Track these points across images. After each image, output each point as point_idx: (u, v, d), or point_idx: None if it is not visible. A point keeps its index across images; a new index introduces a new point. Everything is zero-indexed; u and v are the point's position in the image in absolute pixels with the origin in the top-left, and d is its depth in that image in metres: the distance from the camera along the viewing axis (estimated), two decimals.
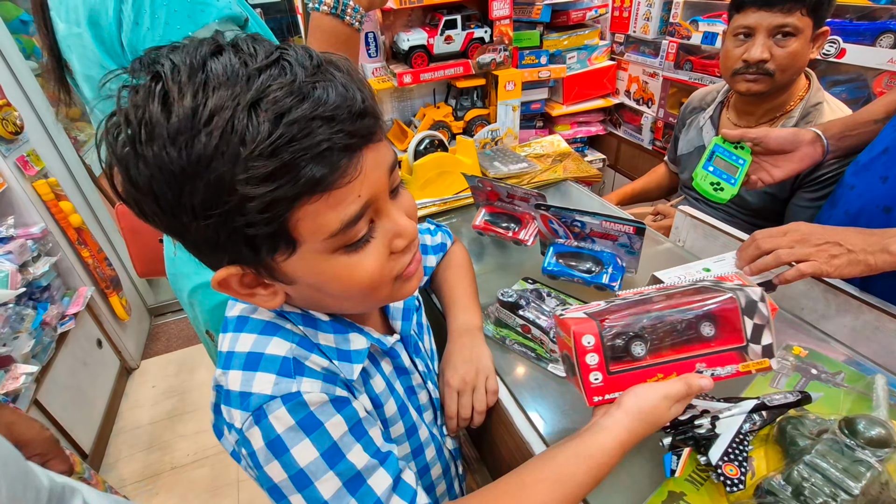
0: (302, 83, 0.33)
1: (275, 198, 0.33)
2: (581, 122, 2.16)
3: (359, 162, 0.36)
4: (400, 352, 0.55)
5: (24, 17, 2.03)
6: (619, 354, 0.50)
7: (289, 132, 0.32)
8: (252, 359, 0.42)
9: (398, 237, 0.42)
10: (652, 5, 1.82)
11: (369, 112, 0.37)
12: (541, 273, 0.83)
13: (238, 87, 0.32)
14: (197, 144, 0.31)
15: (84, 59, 0.67)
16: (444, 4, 1.32)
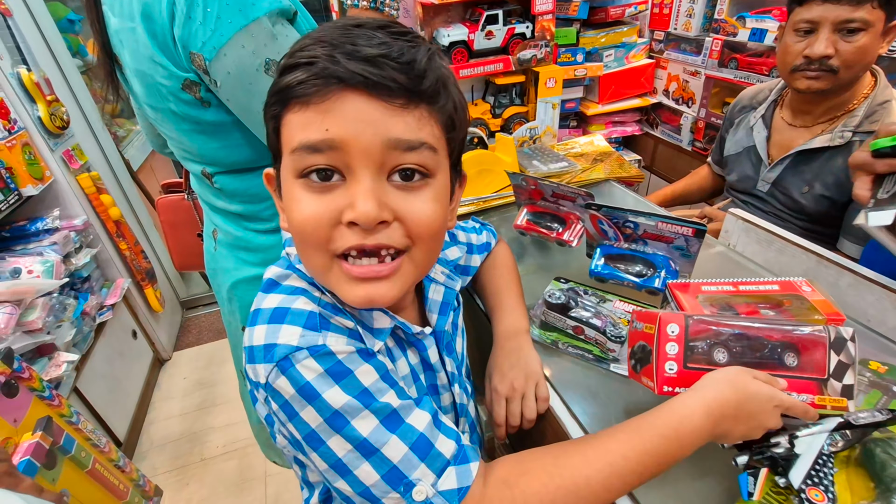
0: (363, 24, 0.39)
1: (273, 90, 0.40)
2: (616, 121, 2.11)
3: (333, 94, 0.36)
4: (429, 346, 0.53)
5: (72, 17, 2.10)
6: (699, 355, 0.51)
7: (304, 44, 0.38)
8: (278, 313, 0.42)
9: (349, 208, 0.38)
10: (695, 1, 1.76)
11: (377, 65, 0.36)
12: (587, 275, 0.80)
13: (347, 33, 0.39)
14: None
15: (136, 55, 0.67)
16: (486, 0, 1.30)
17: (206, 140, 0.73)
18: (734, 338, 0.51)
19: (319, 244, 0.39)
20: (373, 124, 0.37)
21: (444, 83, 0.40)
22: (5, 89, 1.42)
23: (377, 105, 0.37)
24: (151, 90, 0.69)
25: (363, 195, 0.37)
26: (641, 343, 0.57)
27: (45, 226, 1.53)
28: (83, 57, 2.11)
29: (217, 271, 0.93)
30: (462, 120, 0.44)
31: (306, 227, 0.39)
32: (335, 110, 0.36)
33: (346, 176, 0.38)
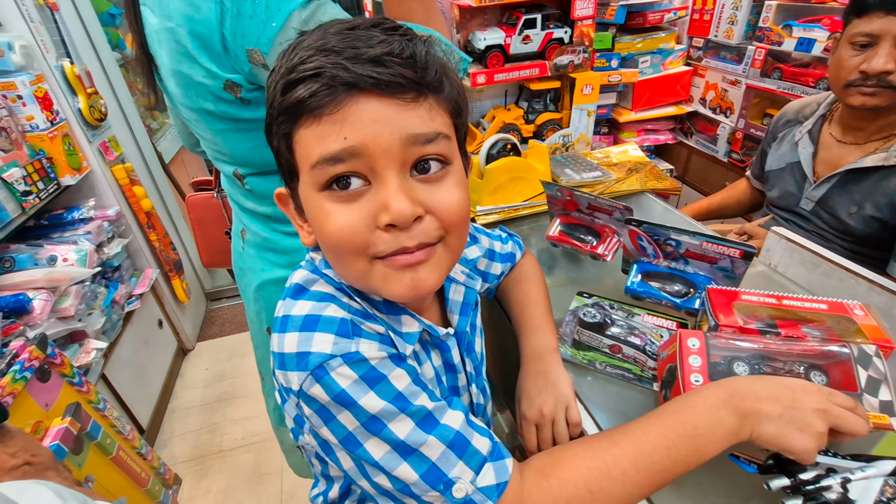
0: (357, 27, 0.38)
1: (279, 111, 0.38)
2: (649, 129, 2.06)
3: (345, 101, 0.36)
4: (451, 347, 0.53)
5: (113, 11, 2.15)
6: (723, 368, 0.52)
7: (304, 56, 0.37)
8: (309, 320, 0.42)
9: (383, 210, 0.38)
10: (739, 8, 1.70)
11: (384, 64, 0.36)
12: (621, 291, 0.77)
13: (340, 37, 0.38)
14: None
15: (175, 55, 0.66)
16: (524, 3, 1.28)
17: (241, 140, 0.73)
18: (756, 355, 0.53)
19: (358, 251, 0.40)
20: (388, 123, 0.37)
21: (445, 71, 0.41)
22: (50, 81, 1.46)
23: (390, 104, 0.37)
24: (189, 90, 0.69)
25: (394, 195, 0.37)
26: (669, 366, 0.57)
27: (80, 215, 1.56)
28: (122, 50, 2.16)
29: (244, 271, 0.94)
30: (465, 102, 0.45)
31: (342, 237, 0.39)
32: (350, 117, 0.36)
33: (371, 180, 0.38)
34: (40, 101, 1.41)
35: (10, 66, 1.36)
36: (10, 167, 1.30)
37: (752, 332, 0.59)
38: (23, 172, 1.32)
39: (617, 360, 0.65)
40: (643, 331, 0.66)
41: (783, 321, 0.61)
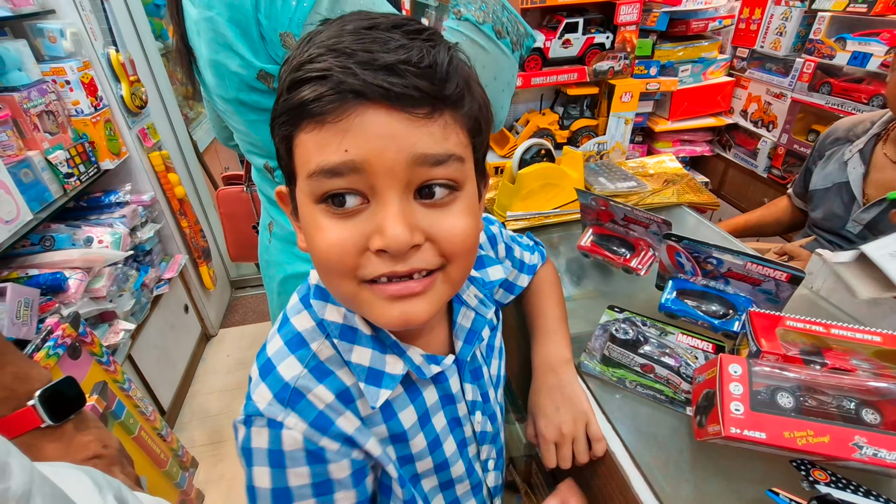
0: (375, 27, 0.34)
1: (280, 110, 0.36)
2: (685, 140, 2.00)
3: (351, 110, 0.33)
4: (450, 376, 0.49)
5: (158, 1, 2.21)
6: (765, 398, 0.49)
7: (314, 55, 0.34)
8: (267, 367, 0.43)
9: (377, 234, 0.35)
10: (788, 19, 1.64)
11: (398, 74, 0.32)
12: (653, 307, 0.75)
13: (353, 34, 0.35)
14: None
15: (213, 44, 0.67)
16: (567, 6, 1.25)
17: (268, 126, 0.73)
18: (802, 386, 0.50)
19: (345, 272, 0.37)
20: (396, 140, 0.33)
21: (467, 84, 0.37)
22: (96, 68, 1.51)
23: (399, 117, 0.33)
24: (225, 80, 0.69)
25: (391, 219, 0.34)
26: (706, 391, 0.54)
27: (117, 199, 1.61)
28: (164, 40, 2.21)
29: (269, 263, 0.94)
30: (487, 119, 0.40)
31: (330, 256, 0.36)
32: (354, 128, 0.33)
33: (369, 198, 0.35)
34: (86, 86, 1.46)
35: (60, 52, 1.41)
36: (56, 150, 1.34)
37: (795, 360, 0.56)
38: (66, 155, 1.37)
39: (649, 380, 0.62)
40: (678, 351, 0.64)
41: (830, 351, 0.58)
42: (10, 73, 1.26)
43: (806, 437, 0.46)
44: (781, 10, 1.65)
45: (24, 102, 1.26)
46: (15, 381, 0.55)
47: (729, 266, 0.67)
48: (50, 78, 1.38)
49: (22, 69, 1.29)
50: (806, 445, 0.46)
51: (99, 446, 0.59)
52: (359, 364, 0.43)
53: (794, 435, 0.46)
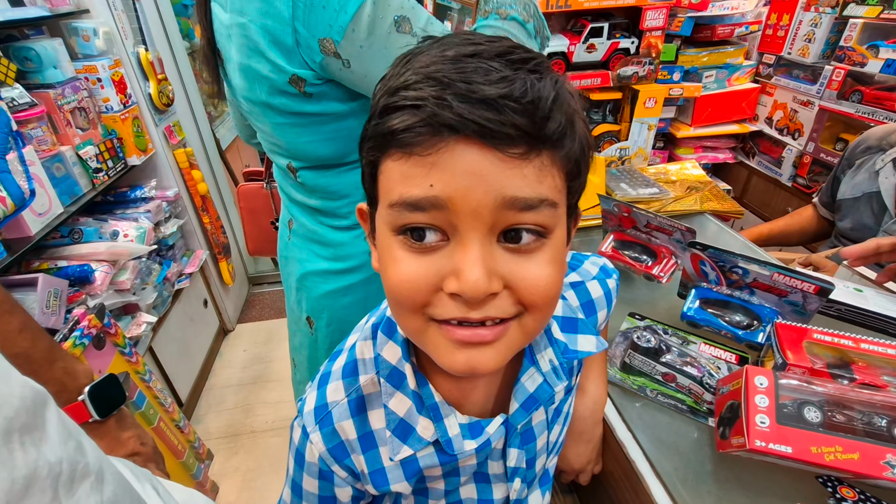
0: (479, 55, 0.32)
1: (369, 134, 0.35)
2: (707, 146, 1.97)
3: (441, 144, 0.30)
4: (494, 440, 0.44)
5: (186, 2, 2.26)
6: (791, 412, 0.49)
7: (410, 81, 0.32)
8: (324, 379, 0.47)
9: (453, 276, 0.33)
10: (818, 25, 1.60)
11: (498, 110, 0.30)
12: (674, 316, 0.74)
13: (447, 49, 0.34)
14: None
15: (244, 49, 0.68)
16: (592, 11, 1.25)
17: (299, 134, 0.74)
18: (830, 401, 0.49)
19: (415, 308, 0.35)
20: (485, 180, 0.31)
21: (570, 122, 0.33)
22: (126, 66, 1.55)
23: (492, 156, 0.30)
24: (254, 84, 0.70)
25: (470, 264, 0.32)
26: (730, 403, 0.54)
27: (142, 194, 1.65)
28: (191, 40, 2.26)
29: (288, 260, 0.96)
30: (588, 161, 0.37)
31: (402, 291, 0.34)
32: (442, 163, 0.31)
33: (449, 236, 0.33)
34: (116, 84, 1.50)
35: (93, 51, 1.45)
36: (86, 145, 1.38)
37: (823, 374, 0.55)
38: (96, 150, 1.41)
39: (670, 389, 0.62)
40: (700, 361, 0.63)
41: (859, 366, 0.57)
42: (47, 70, 1.30)
43: (834, 454, 0.45)
44: (811, 17, 1.62)
45: (59, 99, 1.30)
46: (65, 377, 0.56)
47: (755, 276, 0.66)
48: (83, 75, 1.42)
49: (57, 67, 1.32)
50: (834, 462, 0.45)
51: (138, 443, 0.60)
52: (394, 412, 0.43)
53: (822, 450, 0.45)
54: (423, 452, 0.43)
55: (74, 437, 0.32)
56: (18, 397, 0.28)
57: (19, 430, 0.27)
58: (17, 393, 0.28)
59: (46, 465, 0.27)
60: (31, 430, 0.28)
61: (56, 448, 0.29)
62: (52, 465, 0.28)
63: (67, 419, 0.32)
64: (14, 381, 0.28)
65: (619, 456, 0.58)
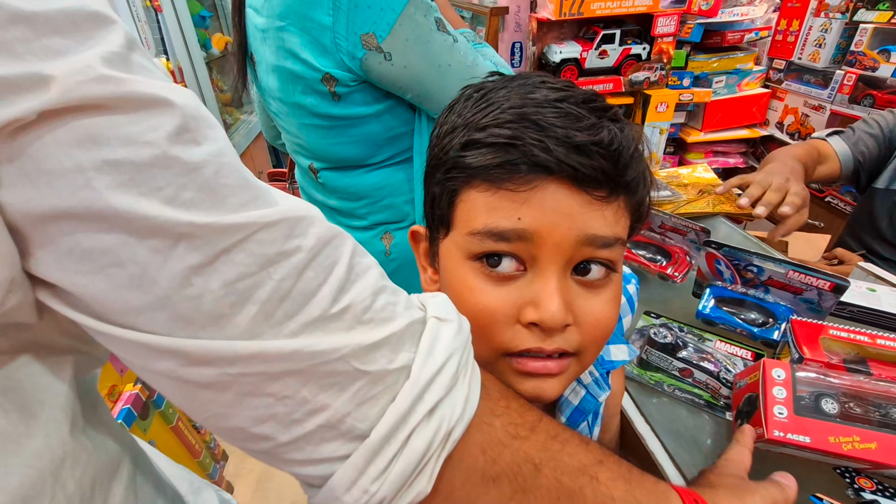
0: (570, 102, 0.33)
1: (456, 165, 0.35)
2: (718, 151, 1.98)
3: (533, 182, 0.32)
4: None
5: (204, 14, 2.32)
6: (809, 403, 0.50)
7: (503, 119, 0.33)
8: None
9: (532, 307, 0.34)
10: (828, 30, 1.61)
11: (589, 155, 0.32)
12: (689, 315, 0.75)
13: (534, 95, 0.35)
14: (468, 116, 0.36)
15: (280, 51, 0.70)
16: (604, 18, 1.27)
17: (323, 136, 0.77)
18: (846, 393, 0.50)
19: (488, 339, 0.35)
20: (570, 217, 0.33)
21: (644, 172, 0.36)
22: None
23: (579, 197, 0.33)
24: (287, 84, 0.73)
25: (550, 296, 0.33)
26: (747, 396, 0.54)
27: None
28: (207, 50, 2.32)
29: None
30: (649, 207, 0.40)
31: (480, 321, 0.35)
32: (533, 199, 0.32)
33: (527, 266, 0.35)
34: None
35: None
36: None
37: (839, 368, 0.56)
38: None
39: (687, 384, 0.63)
40: (717, 357, 0.64)
41: (876, 362, 0.57)
42: None
43: (852, 443, 0.46)
44: (821, 22, 1.63)
45: None
46: None
47: (770, 274, 0.67)
48: None
49: None
50: (852, 451, 0.46)
51: None
52: None
53: (840, 440, 0.46)
54: None
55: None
56: (85, 473, 0.26)
57: None
58: (80, 471, 0.26)
59: None
60: None
61: None
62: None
63: (149, 483, 0.34)
64: (85, 452, 0.27)
65: (639, 449, 0.59)
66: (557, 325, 0.34)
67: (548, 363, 0.36)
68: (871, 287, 0.76)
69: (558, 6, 1.21)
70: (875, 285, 0.77)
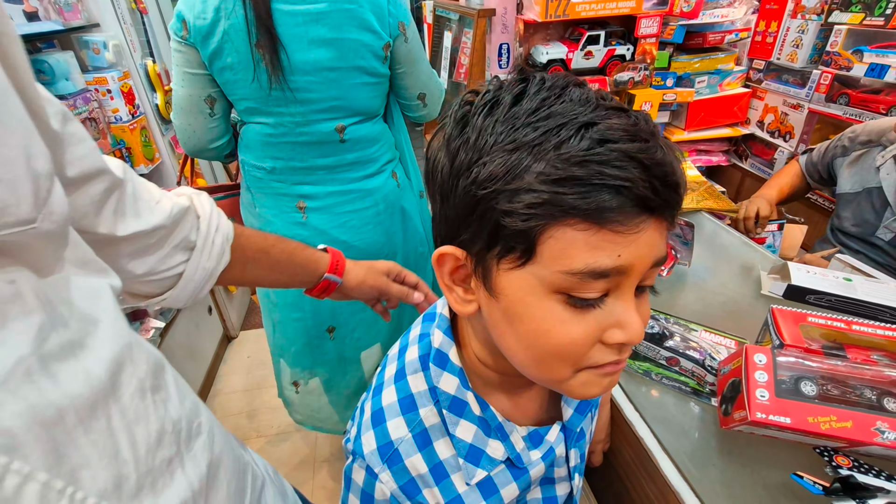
0: (640, 130, 0.32)
1: (551, 201, 0.32)
2: (701, 150, 2.02)
3: (641, 223, 0.32)
4: (556, 446, 0.49)
5: None
6: (789, 386, 0.52)
7: (604, 156, 0.31)
8: (378, 417, 0.46)
9: (619, 327, 0.35)
10: (805, 32, 1.66)
11: (677, 191, 0.33)
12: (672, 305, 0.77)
13: (583, 109, 0.33)
14: (520, 131, 0.33)
15: (345, 26, 0.89)
16: (589, 19, 1.30)
17: (368, 90, 0.96)
18: (824, 376, 0.52)
19: (573, 361, 0.37)
20: (654, 247, 0.34)
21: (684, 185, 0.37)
22: (134, 78, 1.58)
23: (662, 228, 0.34)
24: (349, 52, 0.90)
25: (634, 317, 0.35)
26: (731, 381, 0.57)
27: None
28: None
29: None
30: None
31: (571, 350, 0.36)
32: (634, 237, 0.32)
33: (609, 293, 0.35)
34: (125, 95, 1.53)
35: (103, 63, 1.48)
36: None
37: (818, 353, 0.59)
38: None
39: (673, 372, 0.65)
40: (702, 346, 0.66)
41: (852, 346, 0.60)
42: (59, 82, 1.34)
43: (829, 423, 0.48)
44: (798, 24, 1.68)
45: (71, 110, 1.33)
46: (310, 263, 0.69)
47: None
48: (93, 87, 1.46)
49: (69, 79, 1.36)
50: (829, 430, 0.48)
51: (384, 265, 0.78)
52: (462, 439, 0.44)
53: (818, 420, 0.48)
54: (496, 471, 0.45)
55: (189, 398, 0.36)
56: (145, 361, 0.31)
57: (150, 390, 0.31)
58: (144, 357, 0.31)
59: (171, 422, 0.31)
60: (157, 389, 0.32)
61: (177, 406, 0.32)
62: (175, 421, 0.32)
63: (181, 380, 0.36)
64: (143, 346, 0.32)
65: (629, 435, 0.61)
66: (640, 341, 0.37)
67: (619, 363, 0.38)
68: (848, 277, 0.79)
69: (544, 8, 1.23)
70: (851, 275, 0.80)
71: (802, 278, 0.78)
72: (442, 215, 0.39)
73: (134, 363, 0.30)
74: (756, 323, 0.70)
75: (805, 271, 0.80)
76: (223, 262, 0.54)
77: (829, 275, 0.79)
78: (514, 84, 0.36)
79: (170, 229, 0.48)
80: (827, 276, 0.78)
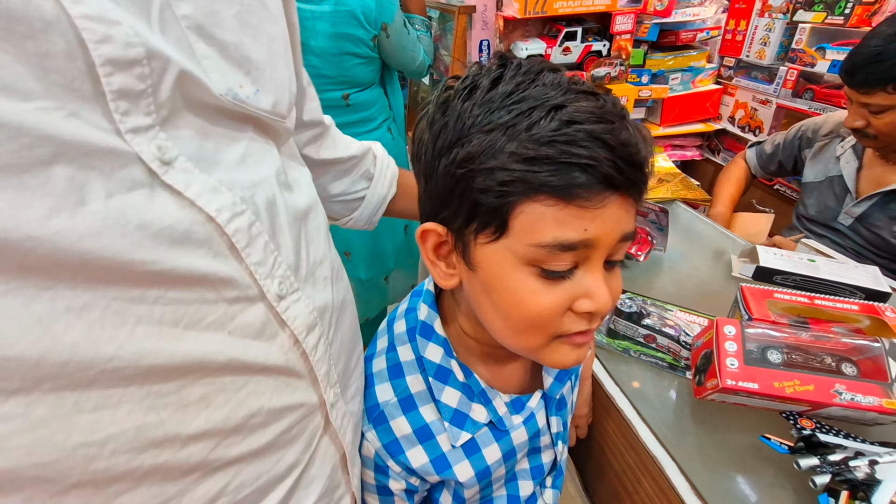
0: (606, 112, 0.35)
1: (522, 178, 0.34)
2: (676, 145, 2.09)
3: (605, 199, 0.35)
4: (537, 413, 0.52)
5: None
6: (757, 355, 0.55)
7: (571, 136, 0.33)
8: (366, 383, 0.50)
9: (587, 297, 0.38)
10: (772, 30, 1.73)
11: (642, 170, 0.36)
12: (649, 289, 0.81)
13: (554, 92, 0.35)
14: (496, 113, 0.36)
15: (343, 24, 1.12)
16: (566, 16, 1.33)
17: (363, 66, 1.21)
18: (789, 345, 0.56)
19: (545, 330, 0.39)
20: (620, 222, 0.36)
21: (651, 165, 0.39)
22: None
23: (628, 204, 0.36)
24: (346, 42, 1.14)
25: (600, 287, 0.37)
26: (704, 353, 0.60)
27: None
28: None
29: None
30: None
31: (542, 318, 0.38)
32: (599, 212, 0.35)
33: (579, 266, 0.38)
34: None
35: None
36: None
37: (783, 325, 0.63)
38: None
39: (651, 349, 0.68)
40: (678, 323, 0.70)
41: (814, 320, 0.64)
42: None
43: (793, 386, 0.52)
44: (765, 22, 1.75)
45: None
46: None
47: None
48: None
49: None
50: (793, 393, 0.52)
51: None
52: (447, 405, 0.47)
53: (783, 384, 0.52)
54: (479, 433, 0.48)
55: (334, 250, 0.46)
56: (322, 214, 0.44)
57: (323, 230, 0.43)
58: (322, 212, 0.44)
59: (328, 256, 0.42)
60: (326, 234, 0.43)
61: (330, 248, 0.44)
62: (332, 259, 0.43)
63: None
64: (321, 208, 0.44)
65: (611, 409, 0.64)
66: (608, 312, 0.40)
67: (587, 334, 0.41)
68: (812, 258, 0.84)
69: (523, 5, 1.26)
70: (815, 257, 0.85)
71: (770, 260, 0.82)
72: (426, 194, 0.42)
73: (317, 211, 0.42)
74: (727, 303, 0.74)
75: (772, 254, 0.84)
76: (391, 192, 0.67)
77: (795, 256, 0.84)
78: (492, 69, 0.38)
79: (358, 160, 0.63)
80: (792, 257, 0.83)
